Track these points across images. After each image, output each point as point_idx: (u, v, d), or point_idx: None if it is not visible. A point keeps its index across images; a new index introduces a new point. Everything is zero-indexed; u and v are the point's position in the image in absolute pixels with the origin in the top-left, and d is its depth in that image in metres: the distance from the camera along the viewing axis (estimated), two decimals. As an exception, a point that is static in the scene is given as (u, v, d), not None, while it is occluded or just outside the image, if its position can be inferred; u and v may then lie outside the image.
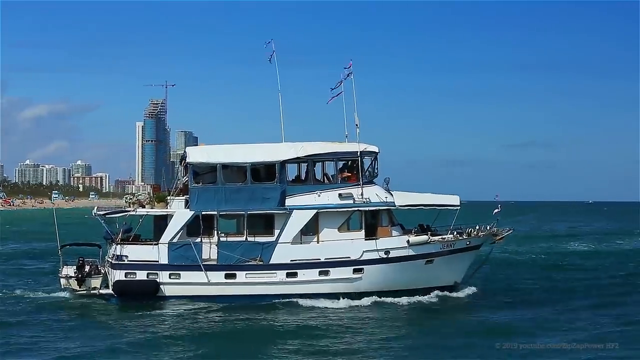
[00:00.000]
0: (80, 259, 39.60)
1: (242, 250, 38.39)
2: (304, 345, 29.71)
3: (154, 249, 38.47)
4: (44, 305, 37.86)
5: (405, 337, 31.41)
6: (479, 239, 40.97)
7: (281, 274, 38.32)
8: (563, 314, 36.49)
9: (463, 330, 32.65)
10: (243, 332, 32.59)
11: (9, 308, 37.11)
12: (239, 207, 38.67)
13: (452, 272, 40.51)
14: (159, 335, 31.73)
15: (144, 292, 38.15)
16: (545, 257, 65.35)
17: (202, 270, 38.06)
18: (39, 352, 28.71)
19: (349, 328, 32.87)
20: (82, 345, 29.85)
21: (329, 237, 38.98)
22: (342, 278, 38.53)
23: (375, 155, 39.99)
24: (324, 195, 39.14)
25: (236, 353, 28.91)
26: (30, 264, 58.38)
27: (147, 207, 39.63)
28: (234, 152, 39.96)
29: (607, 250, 74.33)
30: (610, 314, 36.51)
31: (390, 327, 33.42)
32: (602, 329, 32.92)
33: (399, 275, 39.05)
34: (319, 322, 34.02)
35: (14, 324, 33.37)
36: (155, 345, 29.66)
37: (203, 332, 32.52)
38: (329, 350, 28.94)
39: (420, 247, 39.25)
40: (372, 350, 29.23)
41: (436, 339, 31.20)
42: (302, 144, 40.13)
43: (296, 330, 32.48)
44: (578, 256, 66.62)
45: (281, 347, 29.52)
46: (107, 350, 28.87)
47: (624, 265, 58.48)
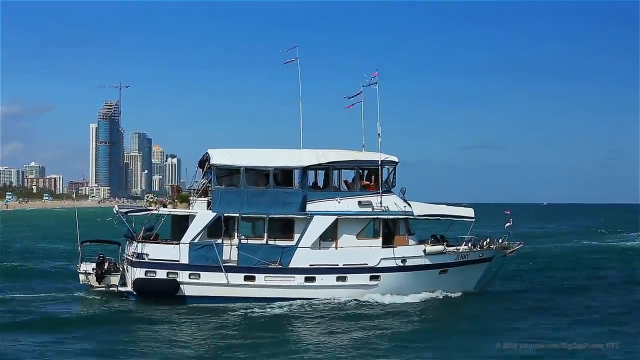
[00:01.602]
0: (100, 255, 39.81)
1: (263, 253, 38.83)
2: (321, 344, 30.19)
3: (175, 248, 38.73)
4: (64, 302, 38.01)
5: (405, 337, 31.92)
6: (491, 251, 41.90)
7: (300, 278, 38.83)
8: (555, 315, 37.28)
9: (463, 330, 33.36)
10: (260, 330, 32.79)
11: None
12: (261, 210, 39.12)
13: (464, 283, 41.38)
14: (177, 334, 32.12)
15: (164, 291, 38.39)
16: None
17: (223, 271, 38.40)
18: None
19: (361, 328, 33.44)
20: (100, 342, 30.26)
21: (347, 243, 39.60)
22: (359, 284, 39.15)
23: (394, 165, 40.80)
24: (343, 202, 39.79)
25: (254, 353, 29.09)
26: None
27: (169, 207, 39.85)
28: (257, 155, 40.47)
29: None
30: (609, 313, 37.66)
31: (389, 328, 34.02)
32: (601, 328, 33.83)
33: (414, 283, 39.81)
34: (336, 322, 34.72)
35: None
36: (174, 345, 30.05)
37: (221, 332, 32.75)
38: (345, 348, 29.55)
39: (435, 256, 40.07)
40: (372, 350, 29.60)
41: (436, 339, 31.86)
42: (323, 151, 40.75)
43: (313, 329, 33.10)
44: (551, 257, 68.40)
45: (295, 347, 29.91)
46: (123, 347, 29.32)
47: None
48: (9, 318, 34.14)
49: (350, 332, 32.83)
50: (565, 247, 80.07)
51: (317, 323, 34.57)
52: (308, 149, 41.15)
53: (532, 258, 63.83)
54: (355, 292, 39.10)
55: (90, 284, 39.65)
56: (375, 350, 29.50)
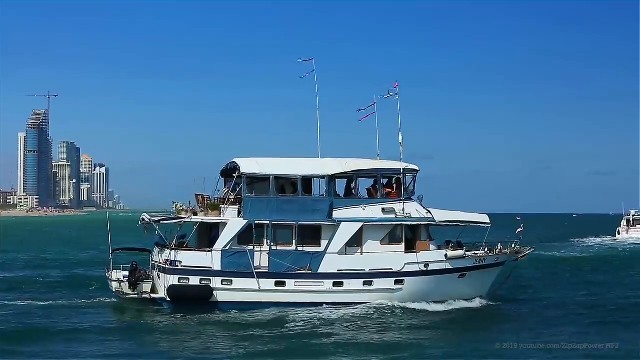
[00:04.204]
0: (133, 263, 40.33)
1: (293, 259, 39.94)
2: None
3: (208, 255, 39.61)
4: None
5: (403, 337, 33.44)
6: (505, 256, 43.72)
7: (328, 283, 40.02)
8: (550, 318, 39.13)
9: (462, 330, 34.96)
10: (290, 336, 33.77)
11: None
12: (291, 217, 40.24)
13: (480, 286, 43.03)
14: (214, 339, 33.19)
15: (198, 297, 39.18)
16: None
17: (255, 277, 39.37)
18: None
19: (378, 332, 34.99)
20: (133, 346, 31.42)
21: (372, 249, 40.93)
22: (384, 289, 40.51)
23: (415, 174, 42.36)
24: (368, 209, 41.16)
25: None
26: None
27: (200, 215, 40.69)
28: (285, 164, 41.65)
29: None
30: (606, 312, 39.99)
31: (386, 328, 35.68)
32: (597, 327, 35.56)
33: (435, 287, 41.35)
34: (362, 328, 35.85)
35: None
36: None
37: (254, 336, 33.84)
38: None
39: (456, 261, 41.69)
40: (370, 350, 31.04)
41: (435, 339, 33.42)
42: (346, 160, 42.11)
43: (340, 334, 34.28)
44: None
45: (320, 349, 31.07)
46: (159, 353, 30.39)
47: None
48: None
49: (376, 335, 34.18)
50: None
51: (345, 329, 35.55)
52: (330, 158, 42.50)
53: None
54: (381, 295, 40.44)
55: (122, 291, 40.18)
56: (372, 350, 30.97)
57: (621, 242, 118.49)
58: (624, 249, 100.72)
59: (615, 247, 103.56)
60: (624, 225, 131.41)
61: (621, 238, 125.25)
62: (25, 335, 32.69)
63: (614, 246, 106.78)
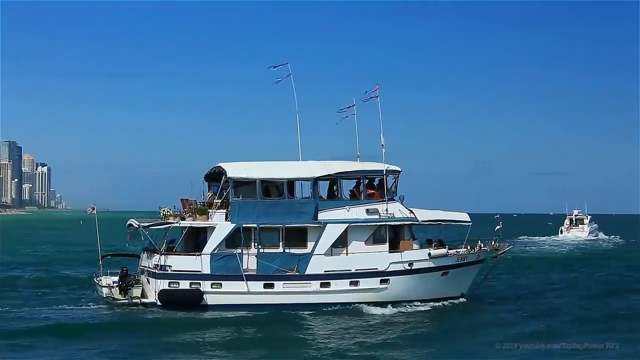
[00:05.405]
0: (124, 268, 40.59)
1: (281, 261, 40.55)
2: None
3: (197, 259, 40.02)
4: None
5: (403, 338, 34.02)
6: (485, 253, 44.85)
7: (315, 284, 40.70)
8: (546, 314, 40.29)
9: (461, 330, 35.67)
10: (280, 338, 34.47)
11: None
12: (277, 220, 40.84)
13: (462, 283, 44.15)
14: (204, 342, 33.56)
15: (188, 301, 39.56)
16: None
17: (244, 280, 39.88)
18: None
19: (370, 332, 35.70)
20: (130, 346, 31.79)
21: (357, 249, 41.68)
22: (370, 288, 41.32)
23: (397, 174, 43.23)
24: (352, 210, 41.93)
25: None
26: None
27: (188, 220, 41.03)
28: (270, 168, 42.21)
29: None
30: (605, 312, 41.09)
31: (385, 328, 36.32)
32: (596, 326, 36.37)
33: (420, 285, 42.29)
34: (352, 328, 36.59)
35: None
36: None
37: (245, 338, 34.51)
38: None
39: (439, 259, 42.68)
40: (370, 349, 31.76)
41: (434, 339, 34.15)
42: (329, 162, 42.86)
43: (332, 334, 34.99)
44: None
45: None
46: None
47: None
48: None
49: (361, 335, 34.75)
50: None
51: (333, 329, 36.33)
52: (314, 161, 43.18)
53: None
54: (367, 295, 41.25)
55: (113, 296, 40.39)
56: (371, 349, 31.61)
57: (562, 240, 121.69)
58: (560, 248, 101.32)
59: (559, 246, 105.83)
60: (566, 224, 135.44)
61: (562, 237, 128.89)
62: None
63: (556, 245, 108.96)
